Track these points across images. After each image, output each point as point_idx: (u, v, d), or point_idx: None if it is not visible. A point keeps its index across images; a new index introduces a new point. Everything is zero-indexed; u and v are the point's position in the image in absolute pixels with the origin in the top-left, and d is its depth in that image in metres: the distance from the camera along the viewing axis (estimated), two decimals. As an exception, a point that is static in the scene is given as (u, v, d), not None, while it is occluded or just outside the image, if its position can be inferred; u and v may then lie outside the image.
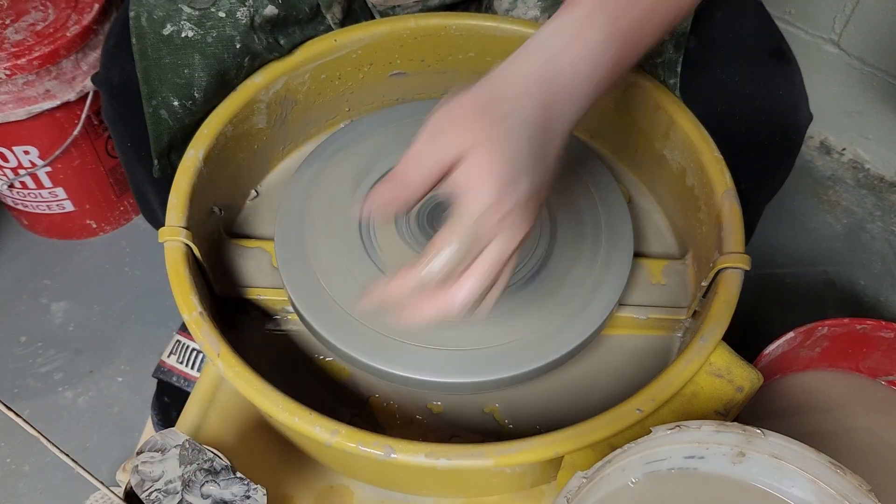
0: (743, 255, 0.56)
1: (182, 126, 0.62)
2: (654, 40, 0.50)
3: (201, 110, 0.62)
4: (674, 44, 0.65)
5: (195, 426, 0.59)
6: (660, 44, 0.65)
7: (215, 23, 0.60)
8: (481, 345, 0.54)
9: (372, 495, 0.56)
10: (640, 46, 0.49)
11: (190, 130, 0.62)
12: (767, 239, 1.18)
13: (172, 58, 0.60)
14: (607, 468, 0.44)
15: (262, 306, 0.62)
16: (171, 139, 0.62)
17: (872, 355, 0.77)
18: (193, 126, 0.62)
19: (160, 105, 0.60)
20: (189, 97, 0.61)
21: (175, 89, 0.60)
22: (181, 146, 0.62)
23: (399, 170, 0.44)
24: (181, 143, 0.62)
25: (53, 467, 0.92)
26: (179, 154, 0.61)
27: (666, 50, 0.66)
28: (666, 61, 0.66)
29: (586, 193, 0.63)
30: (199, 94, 0.61)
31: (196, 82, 0.60)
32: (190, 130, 0.62)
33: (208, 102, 0.62)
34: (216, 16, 0.60)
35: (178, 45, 0.60)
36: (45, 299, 1.10)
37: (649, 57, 0.67)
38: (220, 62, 0.61)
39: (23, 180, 1.05)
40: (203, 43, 0.60)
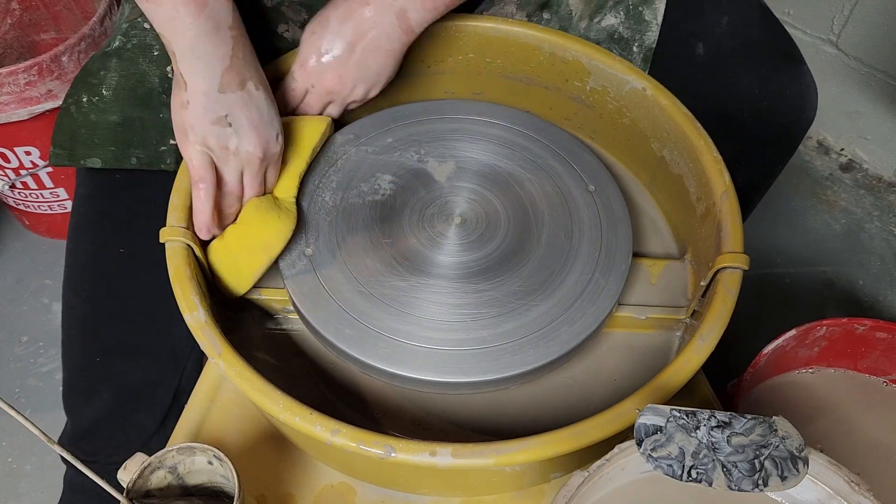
0: (742, 254, 0.56)
1: (86, 120, 0.63)
2: None
3: (110, 108, 0.63)
4: (642, 56, 0.68)
5: (196, 425, 0.59)
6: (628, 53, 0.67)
7: (138, 32, 0.63)
8: (481, 345, 0.55)
9: (372, 494, 0.57)
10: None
11: (95, 127, 0.63)
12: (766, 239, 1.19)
13: (97, 66, 0.63)
14: (607, 467, 0.44)
15: (263, 306, 0.62)
16: (73, 132, 0.64)
17: (871, 355, 0.77)
18: (99, 123, 0.63)
19: (72, 102, 0.64)
20: (97, 94, 0.63)
21: (87, 88, 0.63)
22: (85, 143, 0.64)
23: None
24: (85, 139, 0.64)
25: (55, 466, 0.92)
26: (84, 151, 0.64)
27: (633, 59, 0.68)
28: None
29: (585, 193, 0.64)
30: (107, 91, 0.63)
31: (107, 81, 0.63)
32: (95, 127, 0.63)
33: (119, 102, 0.63)
34: (141, 26, 0.63)
35: (108, 54, 0.63)
36: (47, 299, 1.10)
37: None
38: (135, 65, 0.63)
39: (24, 181, 1.05)
40: (123, 49, 0.63)
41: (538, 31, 0.70)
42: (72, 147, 0.64)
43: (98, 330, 0.66)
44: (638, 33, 0.68)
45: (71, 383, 0.69)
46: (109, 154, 0.64)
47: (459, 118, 0.68)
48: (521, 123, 0.68)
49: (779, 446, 0.40)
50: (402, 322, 0.55)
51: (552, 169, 0.65)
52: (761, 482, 0.40)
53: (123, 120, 0.63)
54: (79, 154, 0.64)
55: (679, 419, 0.41)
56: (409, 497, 0.57)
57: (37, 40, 1.18)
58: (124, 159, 0.63)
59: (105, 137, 0.63)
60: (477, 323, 0.55)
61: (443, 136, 0.67)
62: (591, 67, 0.69)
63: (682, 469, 0.40)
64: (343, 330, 0.55)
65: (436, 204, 0.62)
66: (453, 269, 0.58)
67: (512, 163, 0.65)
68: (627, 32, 0.69)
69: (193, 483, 0.50)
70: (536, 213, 0.62)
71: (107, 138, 0.63)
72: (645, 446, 0.41)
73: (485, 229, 0.61)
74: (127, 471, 0.48)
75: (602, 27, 0.70)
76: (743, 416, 0.41)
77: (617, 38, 0.69)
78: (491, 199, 0.63)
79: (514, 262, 0.59)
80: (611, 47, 0.69)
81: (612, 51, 0.69)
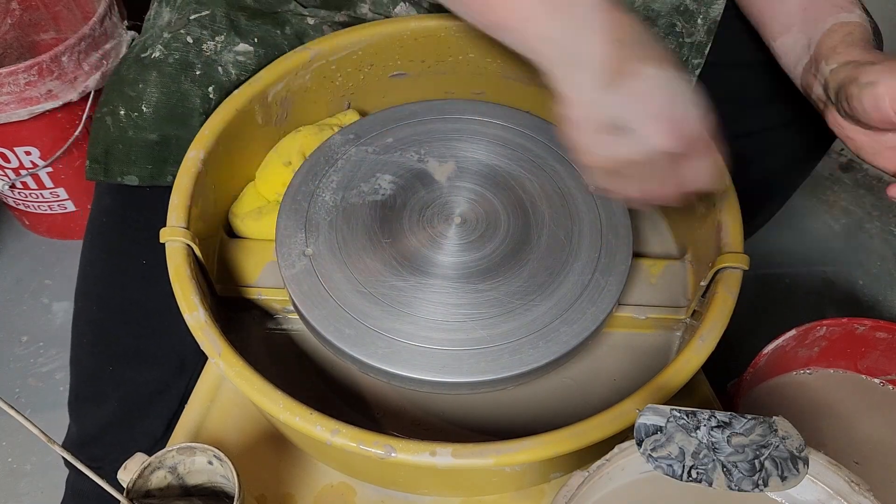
0: (742, 254, 0.56)
1: (123, 136, 0.63)
2: None
3: (149, 126, 0.63)
4: (706, 28, 0.66)
5: (196, 425, 0.59)
6: (692, 25, 0.66)
7: (180, 46, 0.63)
8: (481, 345, 0.55)
9: (372, 494, 0.57)
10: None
11: (132, 144, 0.63)
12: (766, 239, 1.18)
13: (134, 74, 0.63)
14: (607, 467, 0.44)
15: (263, 306, 0.62)
16: (109, 146, 0.63)
17: (871, 355, 0.77)
18: (137, 141, 0.63)
19: (108, 112, 0.63)
20: (136, 109, 0.62)
21: (124, 100, 0.62)
22: (121, 159, 0.63)
23: None
24: (121, 155, 0.63)
25: (55, 466, 0.92)
26: (120, 168, 0.63)
27: (697, 32, 0.67)
28: (696, 43, 0.67)
29: (585, 193, 0.64)
30: (147, 108, 0.62)
31: (146, 97, 0.62)
32: (132, 144, 0.63)
33: (158, 120, 0.63)
34: (184, 40, 0.63)
35: (145, 65, 0.63)
36: (47, 299, 1.10)
37: (679, 35, 0.68)
38: (176, 83, 0.62)
39: (24, 181, 1.05)
40: (164, 63, 0.62)
41: (538, 31, 0.70)
42: (107, 162, 0.63)
43: (109, 337, 0.66)
44: (704, 5, 0.68)
45: (79, 388, 0.69)
46: (146, 172, 0.63)
47: (460, 118, 0.68)
48: (521, 123, 0.68)
49: (779, 446, 0.41)
50: (402, 322, 0.55)
51: (552, 169, 0.65)
52: (761, 482, 0.40)
53: (161, 138, 0.63)
54: (114, 171, 0.63)
55: (679, 419, 0.41)
56: (409, 497, 0.57)
57: (37, 40, 1.18)
58: (160, 177, 0.63)
59: (142, 154, 0.63)
60: (476, 323, 0.55)
61: (443, 136, 0.67)
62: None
63: (682, 469, 0.40)
64: (343, 329, 0.55)
65: (436, 204, 0.62)
66: (453, 269, 0.58)
67: (512, 163, 0.65)
68: (693, 5, 0.68)
69: (193, 483, 0.50)
70: (536, 213, 0.62)
71: (144, 155, 0.63)
72: (645, 446, 0.41)
73: (485, 229, 0.61)
74: (127, 471, 0.48)
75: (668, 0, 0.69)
76: (743, 416, 0.41)
77: (682, 10, 0.68)
78: (491, 199, 0.63)
79: (514, 262, 0.59)
80: (674, 19, 0.68)
81: (675, 22, 0.68)
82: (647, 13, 0.70)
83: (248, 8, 0.67)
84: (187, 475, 0.49)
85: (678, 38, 0.69)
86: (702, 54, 0.68)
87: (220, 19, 0.64)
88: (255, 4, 0.68)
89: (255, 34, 0.66)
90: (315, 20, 0.71)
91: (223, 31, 0.64)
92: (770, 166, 0.72)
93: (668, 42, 0.70)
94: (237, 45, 0.64)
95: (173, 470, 0.49)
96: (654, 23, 0.70)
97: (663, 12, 0.69)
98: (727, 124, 0.65)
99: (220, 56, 0.64)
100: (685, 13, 0.68)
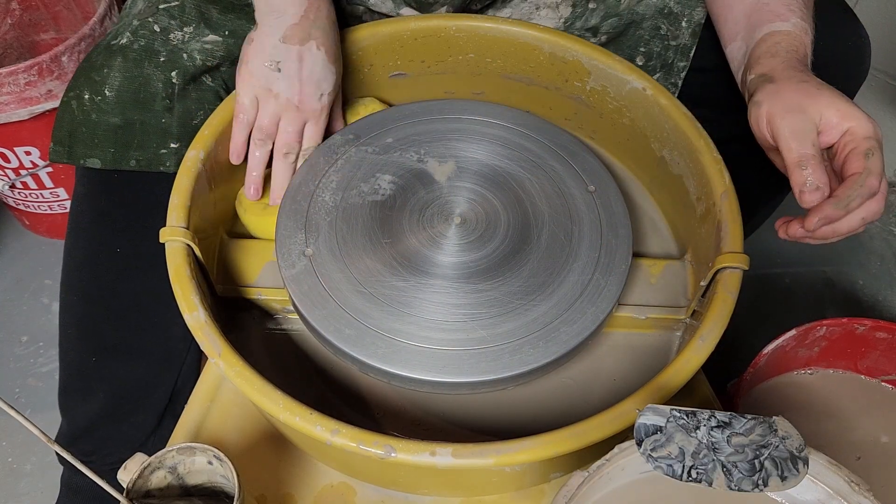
0: (742, 254, 0.56)
1: (87, 119, 0.63)
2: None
3: (111, 109, 0.63)
4: (691, 31, 0.66)
5: (196, 425, 0.59)
6: (676, 27, 0.67)
7: (147, 33, 0.64)
8: (481, 345, 0.55)
9: (372, 494, 0.57)
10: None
11: (95, 127, 0.63)
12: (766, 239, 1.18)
13: (101, 60, 0.63)
14: (607, 467, 0.44)
15: (263, 306, 0.62)
16: (73, 129, 0.64)
17: (871, 355, 0.77)
18: (100, 124, 0.63)
19: (73, 97, 0.63)
20: (99, 93, 0.63)
21: (90, 84, 0.63)
22: (85, 142, 0.63)
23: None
24: (85, 138, 0.63)
25: (55, 466, 0.92)
26: (83, 151, 0.64)
27: (682, 34, 0.67)
28: (680, 46, 0.67)
29: (585, 193, 0.64)
30: (109, 92, 0.63)
31: (110, 81, 0.63)
32: (95, 127, 0.63)
33: (121, 104, 0.63)
34: (150, 27, 0.64)
35: (113, 51, 0.63)
36: (47, 299, 1.10)
37: (664, 38, 0.68)
38: (139, 67, 0.63)
39: (24, 181, 1.05)
40: (129, 49, 0.63)
41: (538, 31, 0.70)
42: (71, 145, 0.64)
43: (94, 329, 0.66)
44: (688, 8, 0.68)
45: (67, 382, 0.69)
46: (109, 155, 0.63)
47: (459, 118, 0.68)
48: (521, 123, 0.68)
49: (779, 446, 0.41)
50: (402, 322, 0.55)
51: (552, 169, 0.65)
52: (761, 482, 0.40)
53: (124, 122, 0.63)
54: (78, 153, 0.64)
55: (679, 419, 0.41)
56: (409, 497, 0.57)
57: (37, 40, 1.18)
58: (123, 161, 0.63)
59: (105, 138, 0.63)
60: (476, 323, 0.55)
61: (443, 136, 0.67)
62: (591, 67, 0.69)
63: (682, 469, 0.40)
64: (342, 329, 0.55)
65: (436, 204, 0.62)
66: (453, 269, 0.58)
67: (512, 163, 0.65)
68: (678, 7, 0.68)
69: (193, 483, 0.50)
70: (536, 213, 0.62)
71: (106, 139, 0.63)
72: (645, 446, 0.41)
73: (485, 229, 0.61)
74: (127, 471, 0.48)
75: (652, 2, 0.69)
76: (743, 416, 0.41)
77: (666, 13, 0.69)
78: (491, 199, 0.63)
79: (514, 262, 0.59)
80: (658, 22, 0.69)
81: (660, 25, 0.69)
82: (632, 16, 0.70)
83: (220, 1, 0.67)
84: (187, 475, 0.49)
85: (663, 40, 0.69)
86: (687, 57, 0.68)
87: (189, 10, 0.65)
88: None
89: (227, 27, 0.66)
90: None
91: (192, 22, 0.65)
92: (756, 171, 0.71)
93: (653, 45, 0.70)
94: (206, 36, 0.65)
95: (173, 470, 0.49)
96: (639, 25, 0.70)
97: (648, 15, 0.69)
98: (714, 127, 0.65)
99: (186, 45, 0.64)
100: (669, 16, 0.69)
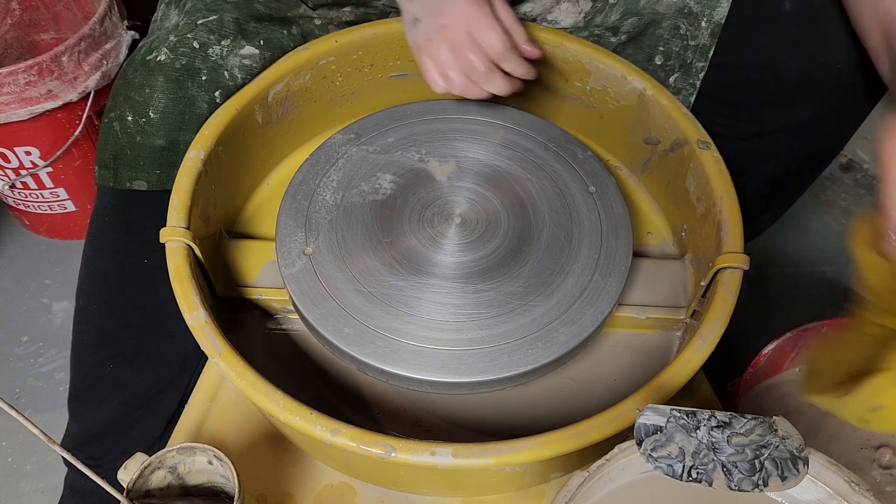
0: (742, 254, 0.56)
1: (131, 142, 0.63)
2: None
3: (157, 132, 0.62)
4: (710, 31, 0.66)
5: (196, 425, 0.59)
6: (695, 27, 0.67)
7: (186, 51, 0.63)
8: (481, 345, 0.55)
9: (373, 494, 0.57)
10: None
11: (140, 149, 0.63)
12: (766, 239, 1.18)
13: (140, 78, 0.62)
14: (607, 467, 0.44)
15: (263, 306, 0.62)
16: (117, 152, 0.63)
17: (871, 355, 0.77)
18: (145, 146, 0.63)
19: (115, 118, 0.63)
20: (143, 115, 0.62)
21: (132, 105, 0.62)
22: (130, 165, 0.63)
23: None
24: (130, 161, 0.63)
25: (55, 467, 0.92)
26: (129, 174, 0.63)
27: (701, 34, 0.67)
28: (699, 46, 0.67)
29: (585, 194, 0.64)
30: (154, 114, 0.62)
31: (153, 102, 0.62)
32: (140, 149, 0.63)
33: (166, 126, 0.63)
34: (190, 44, 0.63)
35: (151, 68, 0.62)
36: (47, 299, 1.10)
37: (683, 38, 0.68)
38: (182, 88, 0.62)
39: (24, 181, 1.05)
40: (170, 67, 0.62)
41: (538, 31, 0.70)
42: (116, 168, 0.63)
43: (113, 337, 0.66)
44: (708, 8, 0.68)
45: (79, 387, 0.69)
46: (155, 177, 0.63)
47: (460, 118, 0.68)
48: (521, 123, 0.68)
49: (779, 446, 0.41)
50: (401, 322, 0.55)
51: (552, 169, 0.65)
52: (761, 482, 0.40)
53: (169, 144, 0.63)
54: (123, 176, 0.63)
55: (679, 419, 0.41)
56: (409, 497, 0.57)
57: (37, 40, 1.18)
58: (168, 181, 0.63)
59: (150, 160, 0.63)
60: (475, 323, 0.55)
61: (444, 135, 0.67)
62: (591, 67, 0.69)
63: (682, 469, 0.40)
64: (342, 329, 0.55)
65: (436, 204, 0.62)
66: (453, 269, 0.58)
67: (512, 163, 0.65)
68: (697, 7, 0.68)
69: (193, 483, 0.50)
70: (536, 213, 0.62)
71: (152, 161, 0.63)
72: (645, 446, 0.41)
73: (485, 229, 0.61)
74: (127, 471, 0.48)
75: (672, 1, 0.69)
76: (743, 416, 0.41)
77: (686, 13, 0.69)
78: (491, 199, 0.63)
79: (514, 262, 0.59)
80: (678, 21, 0.69)
81: (679, 25, 0.69)
82: (653, 15, 0.70)
83: (257, 14, 0.67)
84: (187, 475, 0.49)
85: (683, 40, 0.69)
86: (705, 57, 0.68)
87: (227, 24, 0.64)
88: (265, 10, 0.68)
89: (261, 35, 0.66)
90: (322, 21, 0.71)
91: (230, 35, 0.64)
92: (772, 169, 0.72)
93: (672, 44, 0.70)
94: (242, 49, 0.64)
95: (173, 470, 0.49)
96: (659, 25, 0.70)
97: (668, 14, 0.69)
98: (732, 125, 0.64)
99: (225, 60, 0.64)
100: (689, 15, 0.69)
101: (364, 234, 0.60)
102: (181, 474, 0.49)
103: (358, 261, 0.59)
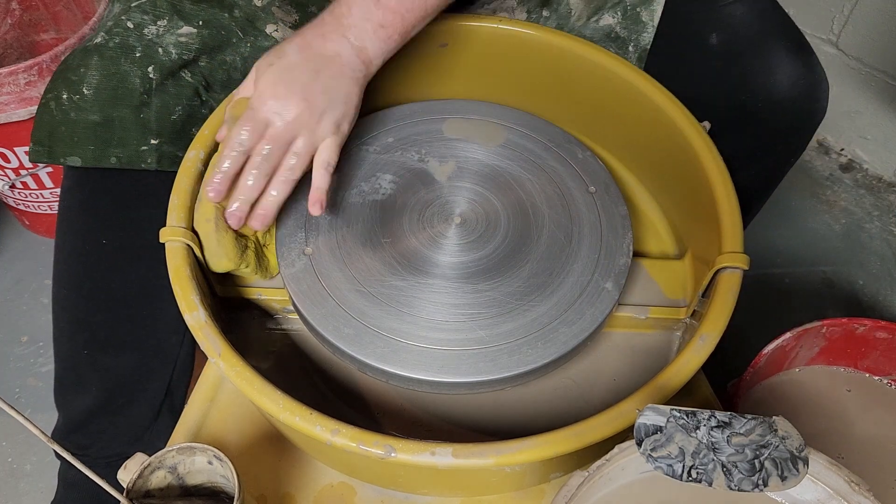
0: (742, 254, 0.56)
1: (66, 118, 0.63)
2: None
3: (90, 107, 0.63)
4: (637, 56, 0.69)
5: (196, 425, 0.59)
6: (623, 52, 0.68)
7: (121, 31, 0.64)
8: (481, 345, 0.55)
9: (373, 494, 0.57)
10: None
11: (75, 126, 0.63)
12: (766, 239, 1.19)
13: (77, 60, 0.64)
14: (607, 467, 0.44)
15: (263, 306, 0.62)
16: (53, 129, 0.64)
17: (871, 355, 0.77)
18: (79, 122, 0.63)
19: (52, 98, 0.64)
20: (77, 92, 0.63)
21: (68, 85, 0.63)
22: (65, 140, 0.63)
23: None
24: (65, 137, 0.63)
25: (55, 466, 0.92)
26: (63, 150, 0.63)
27: (629, 58, 0.70)
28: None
29: (585, 194, 0.64)
30: (88, 90, 0.63)
31: (87, 79, 0.63)
32: (75, 126, 0.63)
33: (100, 102, 0.63)
34: (124, 25, 0.64)
35: (88, 50, 0.64)
36: (47, 299, 1.10)
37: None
38: (115, 64, 0.63)
39: (24, 181, 1.05)
40: (105, 47, 0.63)
41: (539, 31, 0.70)
42: (51, 144, 0.64)
43: (85, 322, 0.66)
44: (634, 33, 0.69)
45: (61, 376, 0.69)
46: (89, 153, 0.64)
47: (460, 118, 0.68)
48: (521, 123, 0.68)
49: (779, 446, 0.41)
50: (401, 321, 0.55)
51: (552, 169, 0.65)
52: (761, 482, 0.40)
53: (103, 119, 0.63)
54: (58, 152, 0.64)
55: (679, 419, 0.41)
56: (409, 497, 0.57)
57: (37, 40, 1.18)
58: (103, 158, 0.63)
59: (85, 136, 0.63)
60: (475, 323, 0.56)
61: (444, 135, 0.67)
62: (592, 67, 0.69)
63: (682, 469, 0.40)
64: (341, 329, 0.55)
65: (436, 204, 0.62)
66: (453, 269, 0.58)
67: (512, 163, 0.65)
68: (624, 32, 0.69)
69: (193, 483, 0.50)
70: (536, 213, 0.62)
71: (86, 137, 0.63)
72: (645, 446, 0.41)
73: (485, 229, 0.61)
74: (127, 471, 0.48)
75: (599, 26, 0.70)
76: (743, 416, 0.41)
77: (613, 38, 0.70)
78: (491, 199, 0.63)
79: (514, 262, 0.59)
80: (607, 46, 0.70)
81: (608, 48, 0.70)
82: (580, 37, 0.70)
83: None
84: (187, 475, 0.49)
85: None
86: None
87: (160, 4, 0.65)
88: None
89: (200, 17, 0.66)
90: (262, 2, 0.69)
91: (165, 15, 0.65)
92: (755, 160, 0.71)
93: None
94: (180, 28, 0.65)
95: (173, 470, 0.49)
96: None
97: (595, 39, 0.70)
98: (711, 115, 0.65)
99: (161, 38, 0.64)
100: (616, 40, 0.70)
101: (364, 234, 0.60)
102: (181, 474, 0.49)
103: (358, 261, 0.59)
